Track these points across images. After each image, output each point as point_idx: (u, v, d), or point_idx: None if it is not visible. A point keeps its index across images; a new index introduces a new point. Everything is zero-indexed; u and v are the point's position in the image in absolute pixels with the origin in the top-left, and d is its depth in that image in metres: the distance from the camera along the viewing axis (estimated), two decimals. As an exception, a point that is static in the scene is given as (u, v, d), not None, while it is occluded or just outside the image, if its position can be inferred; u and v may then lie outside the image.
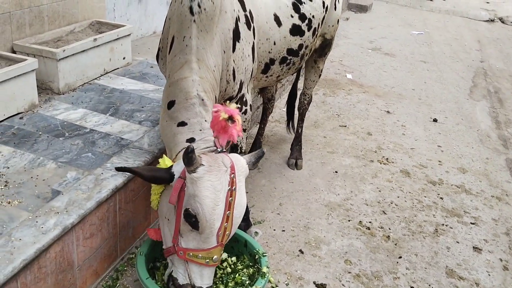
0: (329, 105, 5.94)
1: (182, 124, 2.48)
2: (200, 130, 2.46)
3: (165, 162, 2.44)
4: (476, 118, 6.15)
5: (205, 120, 2.49)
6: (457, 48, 9.28)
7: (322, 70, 4.16)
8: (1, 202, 2.50)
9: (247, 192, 3.95)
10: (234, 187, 2.31)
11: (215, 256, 2.31)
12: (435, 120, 5.88)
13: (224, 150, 2.43)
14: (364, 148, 5.02)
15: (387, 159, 4.85)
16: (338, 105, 5.98)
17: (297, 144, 4.52)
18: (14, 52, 3.66)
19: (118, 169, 2.35)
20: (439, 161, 4.94)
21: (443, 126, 5.79)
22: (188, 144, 2.40)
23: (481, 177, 4.73)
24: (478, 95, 6.98)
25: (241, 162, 2.39)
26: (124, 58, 4.38)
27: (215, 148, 2.41)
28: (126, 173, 2.60)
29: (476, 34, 10.61)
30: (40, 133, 3.17)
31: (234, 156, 2.41)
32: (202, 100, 2.49)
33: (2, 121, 3.24)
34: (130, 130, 3.36)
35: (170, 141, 2.54)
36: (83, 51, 3.85)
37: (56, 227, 2.37)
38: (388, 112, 5.98)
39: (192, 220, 2.25)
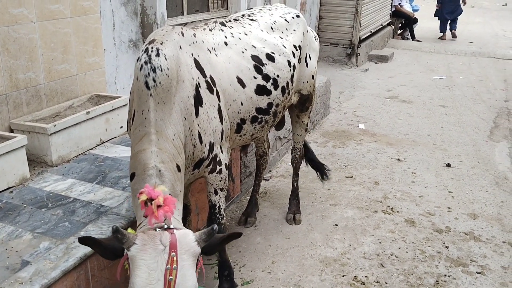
0: (337, 157, 5.89)
1: None
2: None
3: None
4: (494, 160, 5.90)
5: None
6: (480, 89, 9.06)
7: (307, 124, 4.18)
8: (-27, 275, 2.60)
9: (239, 252, 3.97)
10: (174, 265, 2.22)
11: None
12: (448, 165, 5.68)
13: (172, 226, 2.35)
14: (369, 198, 4.90)
15: (392, 208, 4.70)
16: (346, 156, 5.91)
17: (294, 198, 4.48)
18: (11, 130, 3.91)
19: (81, 241, 2.28)
20: (448, 208, 4.73)
21: (456, 170, 5.58)
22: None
23: (493, 222, 4.48)
24: (499, 136, 6.72)
25: (187, 239, 2.30)
26: (121, 127, 4.56)
27: (162, 224, 2.36)
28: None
29: (503, 73, 10.34)
30: (25, 205, 3.31)
31: (182, 233, 2.32)
32: (159, 171, 2.53)
33: (-8, 196, 3.43)
34: (112, 196, 3.45)
35: (136, 214, 2.59)
36: (76, 124, 4.05)
37: (17, 297, 2.44)
38: (398, 160, 5.85)
39: None
